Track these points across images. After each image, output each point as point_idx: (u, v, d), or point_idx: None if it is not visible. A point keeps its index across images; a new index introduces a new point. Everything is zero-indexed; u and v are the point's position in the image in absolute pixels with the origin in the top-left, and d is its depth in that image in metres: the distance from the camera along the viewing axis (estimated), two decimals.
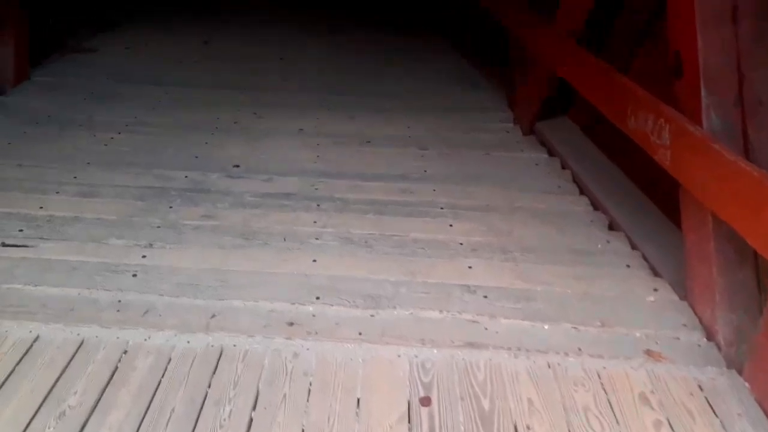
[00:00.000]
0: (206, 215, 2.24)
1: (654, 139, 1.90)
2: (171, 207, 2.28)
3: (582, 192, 2.53)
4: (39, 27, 4.22)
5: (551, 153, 2.94)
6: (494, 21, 3.76)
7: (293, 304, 1.73)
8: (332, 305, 1.73)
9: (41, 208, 2.23)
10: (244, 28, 5.16)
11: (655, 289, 1.86)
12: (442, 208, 2.34)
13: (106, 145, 2.87)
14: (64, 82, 3.72)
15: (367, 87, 3.91)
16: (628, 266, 1.99)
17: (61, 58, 4.20)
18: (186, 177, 2.54)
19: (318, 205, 2.34)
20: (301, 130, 3.17)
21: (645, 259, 2.04)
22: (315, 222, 2.21)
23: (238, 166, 2.69)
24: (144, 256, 1.95)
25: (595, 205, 2.43)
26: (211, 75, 3.97)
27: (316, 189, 2.49)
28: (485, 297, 1.78)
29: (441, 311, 1.71)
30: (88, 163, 2.65)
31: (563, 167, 2.78)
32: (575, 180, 2.64)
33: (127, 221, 2.17)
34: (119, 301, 1.72)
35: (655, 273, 1.96)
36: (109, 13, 5.06)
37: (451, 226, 2.21)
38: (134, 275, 1.84)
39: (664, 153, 1.86)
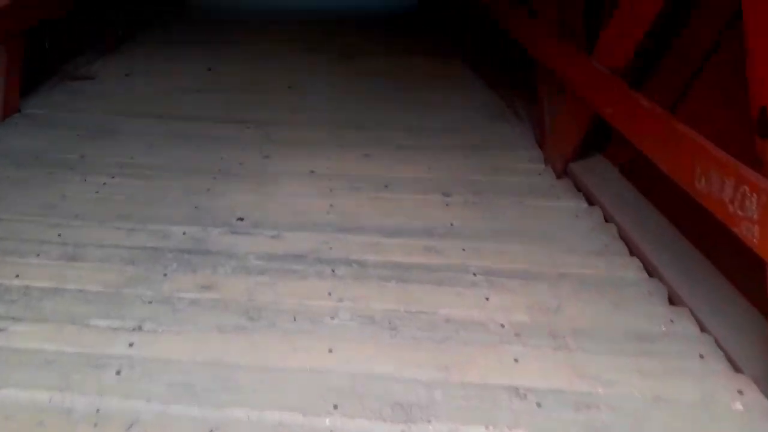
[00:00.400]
0: (205, 285, 1.94)
1: (734, 209, 1.60)
2: (165, 274, 2.00)
3: (632, 252, 2.22)
4: (33, 52, 4.00)
5: (591, 201, 2.64)
6: (522, 50, 3.50)
7: (306, 415, 1.43)
8: (353, 417, 1.43)
9: (17, 276, 1.95)
10: (250, 53, 4.90)
11: (740, 392, 1.55)
12: (475, 275, 2.04)
13: (97, 192, 2.59)
14: (56, 115, 3.46)
15: (383, 119, 3.62)
16: (701, 357, 1.68)
17: (56, 86, 3.95)
18: (184, 234, 2.26)
19: (333, 271, 2.04)
20: (313, 172, 2.88)
21: (719, 345, 1.73)
22: (330, 294, 1.92)
23: (242, 219, 2.40)
24: (131, 344, 1.65)
25: (650, 271, 2.12)
26: (214, 106, 3.70)
27: (330, 248, 2.20)
28: (538, 405, 1.48)
29: (487, 427, 1.41)
30: (76, 216, 2.37)
31: (606, 219, 2.48)
32: (622, 236, 2.33)
33: (115, 294, 1.88)
34: (98, 410, 1.43)
35: (735, 366, 1.66)
36: (108, 37, 4.82)
37: (487, 299, 1.90)
38: (118, 372, 1.55)
39: (748, 227, 1.56)
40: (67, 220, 2.33)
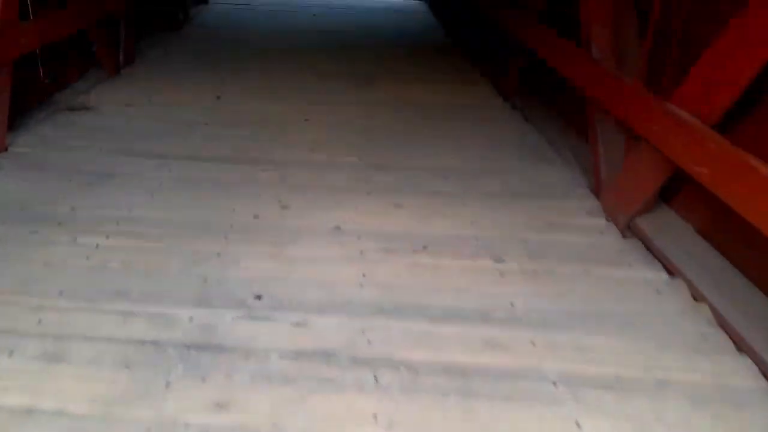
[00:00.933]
0: (218, 403, 1.53)
1: None
2: (168, 384, 1.59)
3: (740, 348, 1.82)
4: (25, 79, 3.64)
5: (669, 269, 2.23)
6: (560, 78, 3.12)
7: None
8: None
9: None
10: (260, 79, 4.54)
11: None
12: (554, 384, 1.64)
13: (88, 258, 2.19)
14: (47, 155, 3.07)
15: (411, 158, 3.24)
16: None
17: (50, 117, 3.58)
18: (191, 320, 1.86)
19: (375, 379, 1.63)
20: (338, 228, 2.49)
21: None
22: (375, 418, 1.51)
23: (260, 297, 2.00)
24: None
25: (765, 372, 1.72)
26: (224, 143, 3.32)
27: (369, 341, 1.79)
28: None
29: None
30: (61, 293, 1.97)
31: (695, 297, 2.08)
32: (721, 324, 1.93)
33: (103, 417, 1.48)
34: None
35: None
36: (108, 61, 4.45)
37: (579, 426, 1.50)
38: None
39: None
40: (51, 300, 1.93)
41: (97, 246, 2.27)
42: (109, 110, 3.76)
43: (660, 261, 2.29)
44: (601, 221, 2.61)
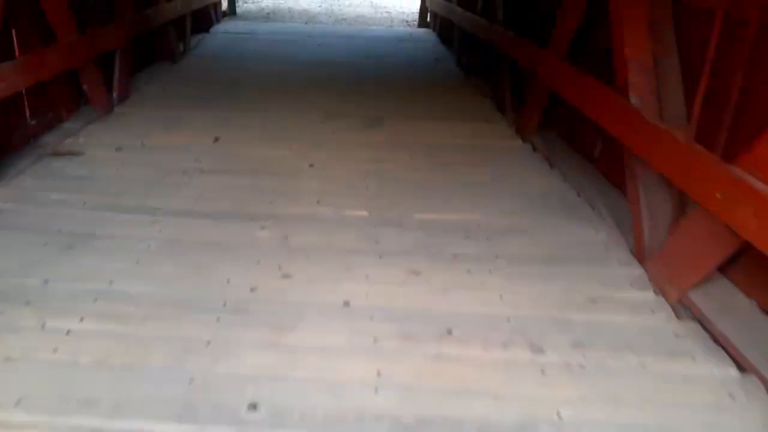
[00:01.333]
0: None
1: None
2: None
3: None
4: (8, 119, 3.38)
5: (739, 362, 1.88)
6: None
7: None
8: None
9: None
10: (264, 118, 4.24)
11: None
12: None
13: (55, 350, 1.85)
14: (24, 211, 2.76)
15: (428, 212, 2.91)
16: None
17: (33, 164, 3.29)
18: None
19: None
20: (347, 304, 2.16)
21: None
22: None
23: (255, 406, 1.67)
24: None
25: None
26: (221, 195, 3.01)
27: None
28: None
29: None
30: (18, 403, 1.63)
31: None
32: None
33: None
34: None
35: None
36: (99, 97, 4.18)
37: None
38: None
39: None
40: (5, 412, 1.61)
41: (68, 332, 1.94)
42: (98, 155, 3.47)
43: (725, 350, 1.95)
44: (649, 295, 2.27)
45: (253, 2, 10.73)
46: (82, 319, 2.01)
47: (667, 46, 2.62)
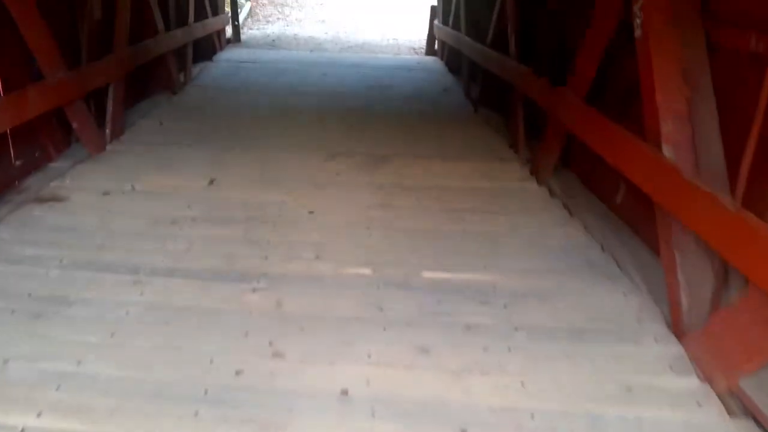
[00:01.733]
0: None
1: None
2: None
3: None
4: None
5: None
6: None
7: None
8: None
9: None
10: (263, 158, 3.99)
11: None
12: None
13: None
14: None
15: (438, 271, 2.62)
16: None
17: (11, 214, 3.03)
18: None
19: None
20: (345, 393, 1.88)
21: None
22: None
23: None
24: None
25: None
26: (211, 249, 2.75)
27: None
28: None
29: None
30: None
31: None
32: None
33: None
34: None
35: None
36: (90, 137, 3.96)
37: None
38: None
39: None
40: None
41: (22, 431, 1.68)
42: (83, 201, 3.22)
43: None
44: (692, 382, 1.97)
45: (258, 29, 10.60)
46: (39, 414, 1.74)
47: (702, 92, 2.36)
